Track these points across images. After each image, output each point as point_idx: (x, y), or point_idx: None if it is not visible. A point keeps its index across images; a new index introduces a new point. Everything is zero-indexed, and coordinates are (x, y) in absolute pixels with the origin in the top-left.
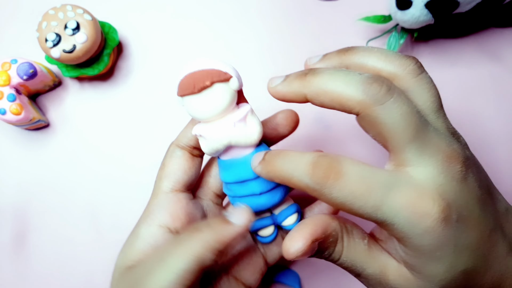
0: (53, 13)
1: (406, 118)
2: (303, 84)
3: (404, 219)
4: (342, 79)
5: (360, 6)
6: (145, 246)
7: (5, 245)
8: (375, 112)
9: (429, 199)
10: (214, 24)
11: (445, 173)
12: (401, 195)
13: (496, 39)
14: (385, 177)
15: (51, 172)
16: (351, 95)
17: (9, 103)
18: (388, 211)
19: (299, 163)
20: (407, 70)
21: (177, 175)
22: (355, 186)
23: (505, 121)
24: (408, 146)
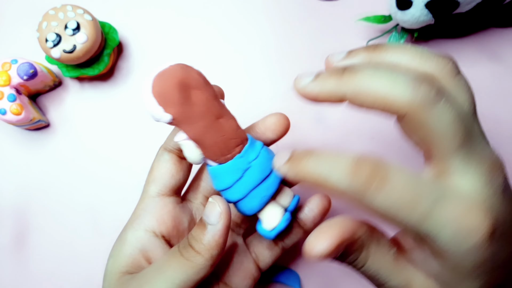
0: (53, 13)
1: (456, 123)
2: (341, 82)
3: (449, 234)
4: (388, 78)
5: (360, 6)
6: (134, 251)
7: (5, 245)
8: (424, 115)
9: (478, 213)
10: (214, 24)
11: (490, 184)
12: (450, 207)
13: (496, 39)
14: (432, 186)
15: (51, 172)
16: (399, 95)
17: (10, 103)
18: (434, 224)
19: (337, 164)
20: (445, 70)
21: (164, 179)
22: (402, 193)
23: (506, 121)
24: (455, 153)
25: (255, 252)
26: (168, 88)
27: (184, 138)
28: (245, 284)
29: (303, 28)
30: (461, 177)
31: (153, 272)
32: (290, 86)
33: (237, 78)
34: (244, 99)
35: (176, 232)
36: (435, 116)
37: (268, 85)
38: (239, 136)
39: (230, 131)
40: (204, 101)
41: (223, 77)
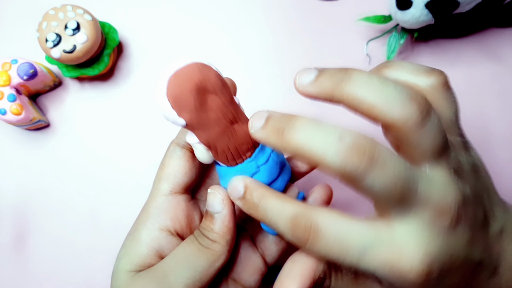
0: (53, 13)
1: (390, 188)
2: (281, 139)
3: (385, 273)
4: (322, 143)
5: (361, 6)
6: (150, 251)
7: (5, 245)
8: (356, 184)
9: (408, 261)
10: (214, 24)
11: (431, 228)
12: (380, 253)
13: (496, 39)
14: (363, 234)
15: (52, 172)
16: (331, 163)
17: (10, 103)
18: (367, 267)
19: (280, 217)
20: (409, 123)
21: (177, 177)
22: (332, 246)
23: (506, 121)
24: (392, 208)
25: (262, 247)
26: (184, 92)
27: (196, 142)
28: (253, 279)
29: (303, 28)
30: (398, 224)
31: (175, 261)
32: (290, 86)
33: (237, 78)
34: (244, 99)
35: (189, 230)
36: (366, 185)
37: (268, 85)
38: (251, 140)
39: (243, 136)
40: (219, 106)
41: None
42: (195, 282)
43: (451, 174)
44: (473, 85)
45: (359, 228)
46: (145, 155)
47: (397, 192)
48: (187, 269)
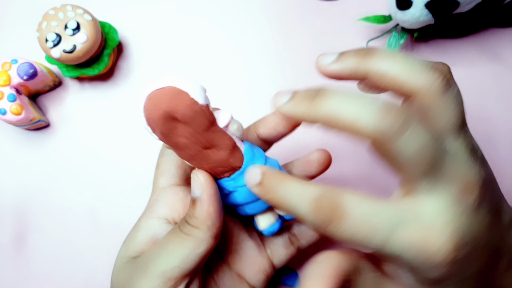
0: (53, 13)
1: (421, 153)
2: (312, 107)
3: (411, 256)
4: (356, 105)
5: (360, 6)
6: (145, 237)
7: (5, 245)
8: (388, 145)
9: (437, 239)
10: (214, 24)
11: (457, 205)
12: (407, 233)
13: (496, 39)
14: (390, 214)
15: (52, 172)
16: (365, 125)
17: (10, 103)
18: (393, 250)
19: (301, 199)
20: (434, 87)
21: (171, 170)
22: (358, 227)
23: (506, 121)
24: (420, 179)
25: (271, 249)
26: (154, 117)
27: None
28: (257, 278)
29: (303, 28)
30: (425, 200)
31: (156, 250)
32: (290, 85)
33: (237, 78)
34: (244, 99)
35: None
36: (399, 147)
37: (268, 85)
38: (229, 165)
39: (218, 161)
40: (190, 134)
41: (223, 77)
42: (173, 268)
43: (470, 152)
44: (473, 85)
45: (386, 208)
46: (145, 155)
47: (427, 159)
48: (166, 257)
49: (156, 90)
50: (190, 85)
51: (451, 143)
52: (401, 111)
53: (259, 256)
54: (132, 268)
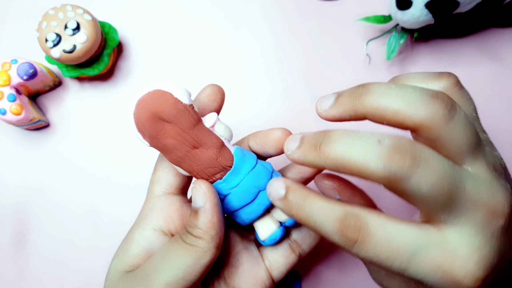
0: (53, 13)
1: (437, 188)
2: (319, 155)
3: (436, 280)
4: (361, 150)
5: (360, 6)
6: (141, 251)
7: (5, 245)
8: (401, 186)
9: (462, 267)
10: (214, 24)
11: (485, 232)
12: (431, 257)
13: (496, 39)
14: (413, 237)
15: (51, 172)
16: (373, 170)
17: (9, 103)
18: (416, 273)
19: (327, 218)
20: (437, 118)
21: (169, 178)
22: (381, 249)
23: (506, 121)
24: (440, 211)
25: (269, 260)
26: (142, 120)
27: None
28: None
29: (303, 28)
30: (449, 227)
31: (158, 261)
32: (290, 85)
33: (237, 78)
34: (244, 99)
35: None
36: (412, 186)
37: (268, 85)
38: (219, 164)
39: (207, 161)
40: (177, 134)
41: (223, 77)
42: (177, 280)
43: (492, 171)
44: (473, 85)
45: (409, 230)
46: (144, 155)
47: (444, 192)
48: (169, 268)
49: (142, 97)
50: (174, 87)
51: (471, 166)
52: (409, 148)
53: (257, 268)
54: (130, 281)
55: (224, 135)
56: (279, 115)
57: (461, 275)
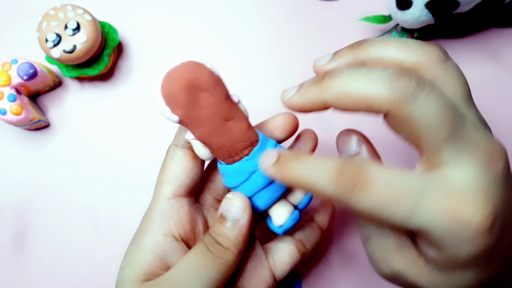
0: (53, 13)
1: (442, 113)
2: (321, 90)
3: (440, 227)
4: (365, 77)
5: (360, 6)
6: (155, 258)
7: (5, 244)
8: (406, 109)
9: (471, 205)
10: (214, 24)
11: (487, 173)
12: (437, 200)
13: (496, 39)
14: (417, 181)
15: (52, 172)
16: (378, 94)
17: (10, 103)
18: (422, 219)
19: (322, 170)
20: (432, 58)
21: (179, 179)
22: (383, 193)
23: (507, 120)
24: (445, 144)
25: (274, 258)
26: (175, 90)
27: (192, 138)
28: None
29: (303, 28)
30: (452, 167)
31: (185, 272)
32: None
33: (237, 78)
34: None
35: (193, 234)
36: (418, 109)
37: (268, 85)
38: (249, 138)
39: (239, 134)
40: (212, 103)
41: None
42: None
43: (485, 124)
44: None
45: (413, 175)
46: (145, 155)
47: (449, 119)
48: (199, 281)
49: (174, 67)
50: (205, 60)
51: (465, 112)
52: (413, 73)
53: (261, 267)
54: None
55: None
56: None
57: (470, 214)
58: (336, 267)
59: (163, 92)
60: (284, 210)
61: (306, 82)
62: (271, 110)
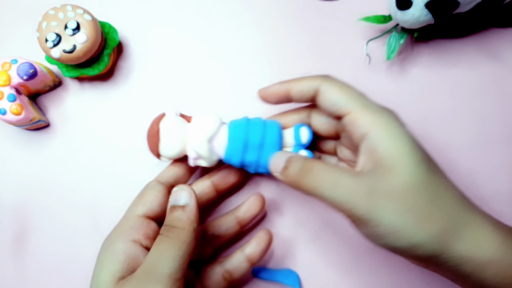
0: (53, 13)
1: (345, 91)
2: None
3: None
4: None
5: (360, 6)
6: (128, 258)
7: (5, 244)
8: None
9: (398, 147)
10: (213, 24)
11: (403, 128)
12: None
13: (496, 39)
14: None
15: (51, 172)
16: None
17: (9, 103)
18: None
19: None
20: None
21: (153, 205)
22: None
23: (505, 121)
24: (363, 107)
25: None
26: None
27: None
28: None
29: (303, 28)
30: (374, 129)
31: (154, 259)
32: None
33: (237, 78)
34: (244, 99)
35: None
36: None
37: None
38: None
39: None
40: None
41: (223, 77)
42: (177, 269)
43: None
44: (473, 85)
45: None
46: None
47: (353, 93)
48: (167, 262)
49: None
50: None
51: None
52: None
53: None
54: (131, 284)
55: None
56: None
57: (399, 152)
58: (336, 267)
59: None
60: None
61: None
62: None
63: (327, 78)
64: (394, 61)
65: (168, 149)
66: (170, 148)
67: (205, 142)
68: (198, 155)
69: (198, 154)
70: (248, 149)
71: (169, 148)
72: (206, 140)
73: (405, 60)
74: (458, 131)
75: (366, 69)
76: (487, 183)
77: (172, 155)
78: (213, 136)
